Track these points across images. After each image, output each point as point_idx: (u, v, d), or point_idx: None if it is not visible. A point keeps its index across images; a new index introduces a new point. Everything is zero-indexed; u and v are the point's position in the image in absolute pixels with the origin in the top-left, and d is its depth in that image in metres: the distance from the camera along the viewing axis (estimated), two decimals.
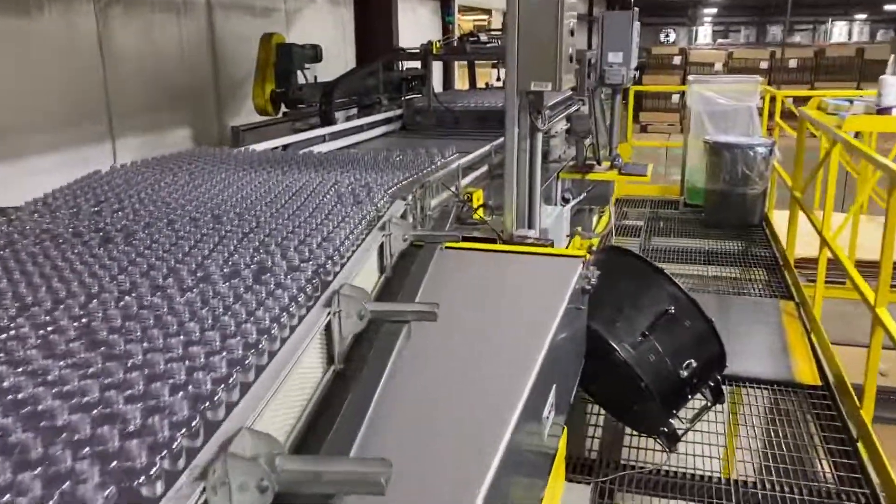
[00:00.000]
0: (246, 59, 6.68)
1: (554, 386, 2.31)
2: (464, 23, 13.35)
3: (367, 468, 1.21)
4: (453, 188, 3.91)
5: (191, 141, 6.47)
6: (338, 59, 8.94)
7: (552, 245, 3.17)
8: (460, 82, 10.85)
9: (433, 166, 3.68)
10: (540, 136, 3.49)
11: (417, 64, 8.05)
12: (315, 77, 6.61)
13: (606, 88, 5.13)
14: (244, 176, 2.99)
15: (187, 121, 6.47)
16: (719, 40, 30.50)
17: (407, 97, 7.67)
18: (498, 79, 10.31)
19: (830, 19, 31.56)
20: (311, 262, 1.99)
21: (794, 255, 6.21)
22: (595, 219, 6.24)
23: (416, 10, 11.43)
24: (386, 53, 7.00)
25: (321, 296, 1.84)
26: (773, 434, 3.82)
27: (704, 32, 33.39)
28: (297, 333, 1.64)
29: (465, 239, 3.26)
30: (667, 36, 30.47)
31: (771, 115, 8.42)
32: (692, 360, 3.23)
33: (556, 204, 4.66)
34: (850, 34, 30.96)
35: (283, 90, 6.03)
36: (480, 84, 9.59)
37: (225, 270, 1.92)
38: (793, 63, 18.89)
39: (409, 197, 3.15)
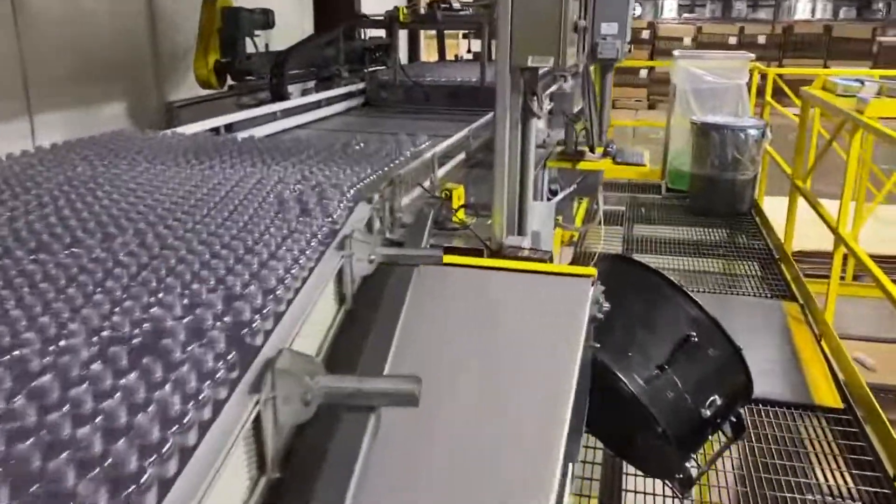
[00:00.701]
0: (191, 24, 5.91)
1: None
2: None
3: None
4: (428, 183, 3.29)
5: (125, 118, 5.72)
6: (293, 26, 8.17)
7: (551, 258, 2.57)
8: (427, 54, 10.13)
9: (402, 157, 3.06)
10: (535, 123, 2.88)
11: (382, 33, 7.37)
12: (266, 46, 5.89)
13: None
14: (158, 174, 2.33)
15: (121, 95, 5.71)
16: (685, 14, 30.11)
17: (370, 69, 6.99)
18: (469, 51, 9.68)
19: None
20: (225, 325, 1.36)
21: (791, 247, 5.72)
22: (574, 206, 5.66)
23: None
24: (347, 20, 6.28)
25: (242, 380, 1.22)
26: (791, 472, 3.31)
27: (670, 6, 32.97)
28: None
29: (446, 250, 2.65)
30: (633, 9, 30.01)
31: (760, 94, 7.91)
32: (716, 396, 2.68)
33: (542, 197, 4.07)
34: (813, 11, 30.84)
35: (228, 60, 5.30)
36: (449, 56, 8.92)
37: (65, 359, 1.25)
38: (761, 39, 18.54)
39: (376, 198, 2.53)
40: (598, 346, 2.25)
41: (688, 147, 7.39)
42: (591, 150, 4.13)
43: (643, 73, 15.81)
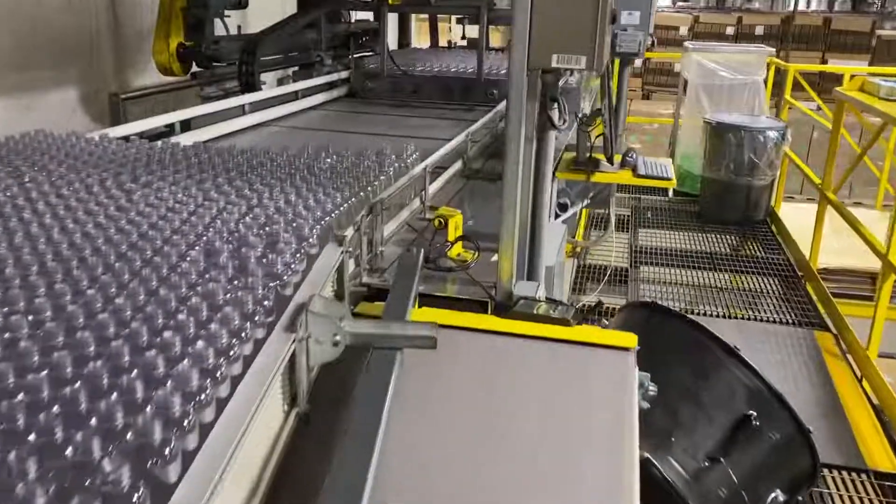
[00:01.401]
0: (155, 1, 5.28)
1: None
2: None
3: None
4: (418, 205, 2.69)
5: (78, 106, 5.08)
6: (273, 7, 7.52)
7: (570, 313, 1.98)
8: (418, 39, 9.44)
9: (386, 174, 2.46)
10: (553, 137, 2.28)
11: (370, 16, 6.72)
12: (239, 28, 5.26)
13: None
14: (53, 204, 1.72)
15: (74, 81, 5.06)
16: (679, 3, 29.48)
17: (356, 55, 6.35)
18: (463, 37, 9.02)
19: None
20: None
21: (817, 264, 5.17)
22: (577, 214, 5.05)
23: None
24: (329, 1, 5.64)
25: None
26: None
27: None
28: None
29: (442, 301, 2.06)
30: None
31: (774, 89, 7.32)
32: (777, 492, 2.11)
33: (550, 214, 3.47)
34: (809, 2, 30.43)
35: (193, 44, 4.66)
36: (442, 43, 8.28)
37: None
38: (759, 30, 18.03)
39: (349, 234, 1.95)
40: None
41: (698, 147, 6.81)
42: (610, 160, 3.53)
43: (638, 62, 15.23)
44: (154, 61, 4.71)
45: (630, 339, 1.79)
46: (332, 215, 1.90)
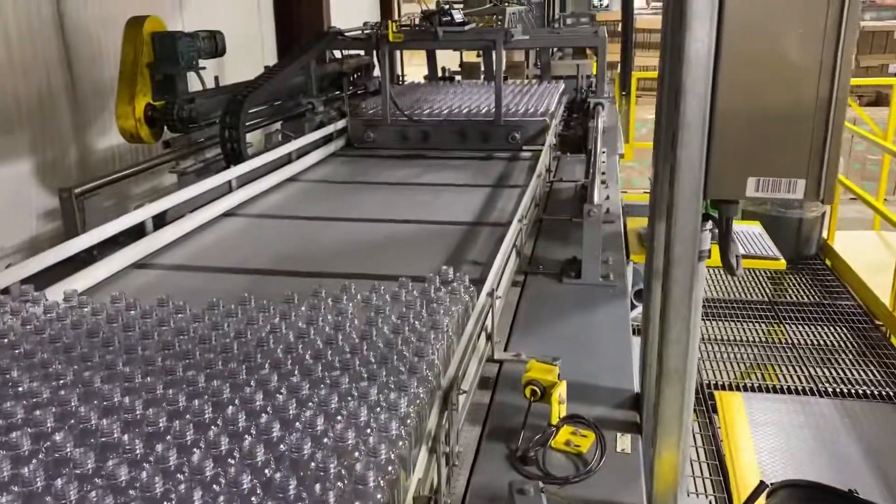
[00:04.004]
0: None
1: None
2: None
3: None
4: (483, 346, 1.96)
5: (33, 177, 4.32)
6: (251, 49, 6.78)
7: None
8: (407, 68, 8.65)
9: (452, 330, 1.73)
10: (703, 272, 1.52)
11: (361, 50, 5.99)
12: (216, 79, 4.51)
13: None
14: None
15: (27, 148, 4.31)
16: (653, 3, 28.95)
17: (350, 93, 5.62)
18: (460, 65, 8.30)
19: None
20: None
21: None
22: None
23: None
24: (319, 40, 4.90)
25: None
26: None
27: None
28: None
29: None
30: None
31: None
32: None
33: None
34: None
35: (163, 104, 3.91)
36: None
37: None
38: None
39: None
40: None
41: None
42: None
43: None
44: (118, 127, 3.95)
45: None
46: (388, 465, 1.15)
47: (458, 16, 4.76)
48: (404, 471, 1.18)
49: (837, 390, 4.12)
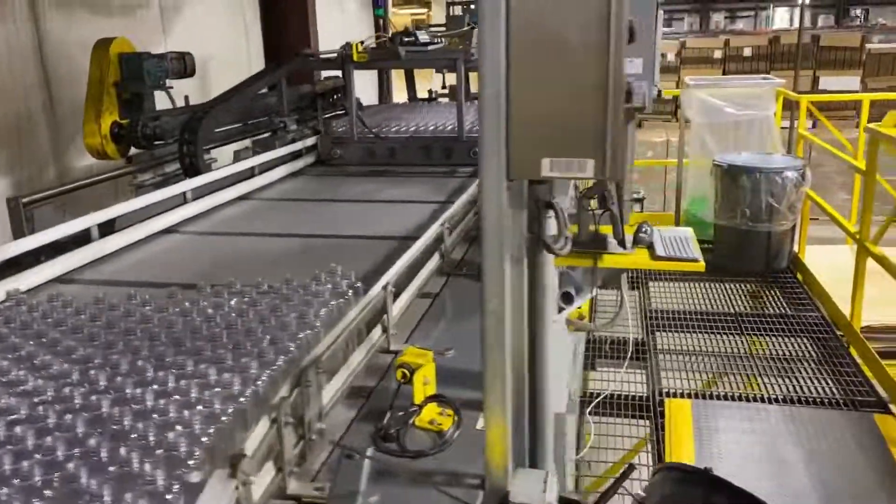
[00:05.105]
0: None
1: None
2: (399, 17, 11.42)
3: None
4: (378, 336, 2.05)
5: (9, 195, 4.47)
6: (239, 70, 6.95)
7: None
8: (398, 90, 8.85)
9: (322, 321, 1.82)
10: (551, 265, 1.65)
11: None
12: (186, 99, 4.66)
13: None
14: None
15: (5, 166, 4.47)
16: (663, 29, 29.28)
17: (327, 115, 5.76)
18: (444, 86, 8.46)
19: (772, 5, 31.03)
20: None
21: (860, 324, 4.51)
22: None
23: (341, 3, 9.50)
24: (287, 62, 5.07)
25: None
26: None
27: None
28: None
29: None
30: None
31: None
32: None
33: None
34: (791, 20, 30.32)
35: (129, 121, 4.06)
36: (422, 91, 7.70)
37: None
38: (747, 52, 17.71)
39: (256, 439, 1.30)
40: None
41: (707, 190, 6.18)
42: (622, 243, 2.89)
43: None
44: (85, 144, 4.11)
45: None
46: (223, 420, 1.25)
47: (423, 36, 4.90)
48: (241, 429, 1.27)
49: (791, 398, 4.16)
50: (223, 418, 1.28)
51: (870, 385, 4.13)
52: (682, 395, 4.18)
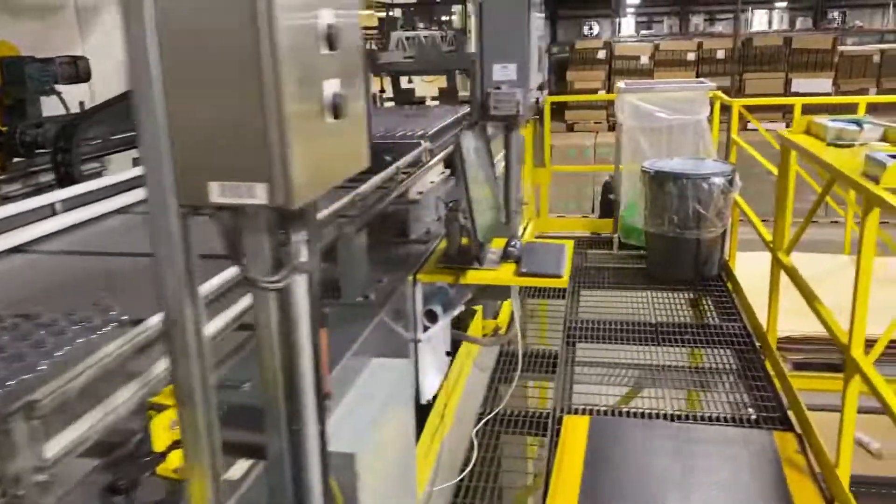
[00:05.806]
0: None
1: None
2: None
3: None
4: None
5: None
6: None
7: None
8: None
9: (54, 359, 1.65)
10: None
11: None
12: (81, 105, 4.47)
13: (493, 124, 3.15)
14: None
15: None
16: (642, 32, 29.29)
17: None
18: (394, 87, 8.27)
19: (751, 7, 31.22)
20: None
21: (775, 337, 4.39)
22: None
23: None
24: None
25: None
26: None
27: (628, 24, 32.27)
28: None
29: None
30: (590, 29, 29.21)
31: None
32: None
33: (414, 327, 2.68)
34: (770, 22, 30.44)
35: (9, 129, 3.88)
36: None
37: None
38: (720, 54, 17.72)
39: None
40: None
41: (640, 197, 6.06)
42: (478, 259, 2.74)
43: (601, 92, 14.73)
44: None
45: None
46: None
47: None
48: None
49: (696, 415, 4.04)
50: None
51: (778, 400, 4.01)
52: (588, 412, 4.04)
